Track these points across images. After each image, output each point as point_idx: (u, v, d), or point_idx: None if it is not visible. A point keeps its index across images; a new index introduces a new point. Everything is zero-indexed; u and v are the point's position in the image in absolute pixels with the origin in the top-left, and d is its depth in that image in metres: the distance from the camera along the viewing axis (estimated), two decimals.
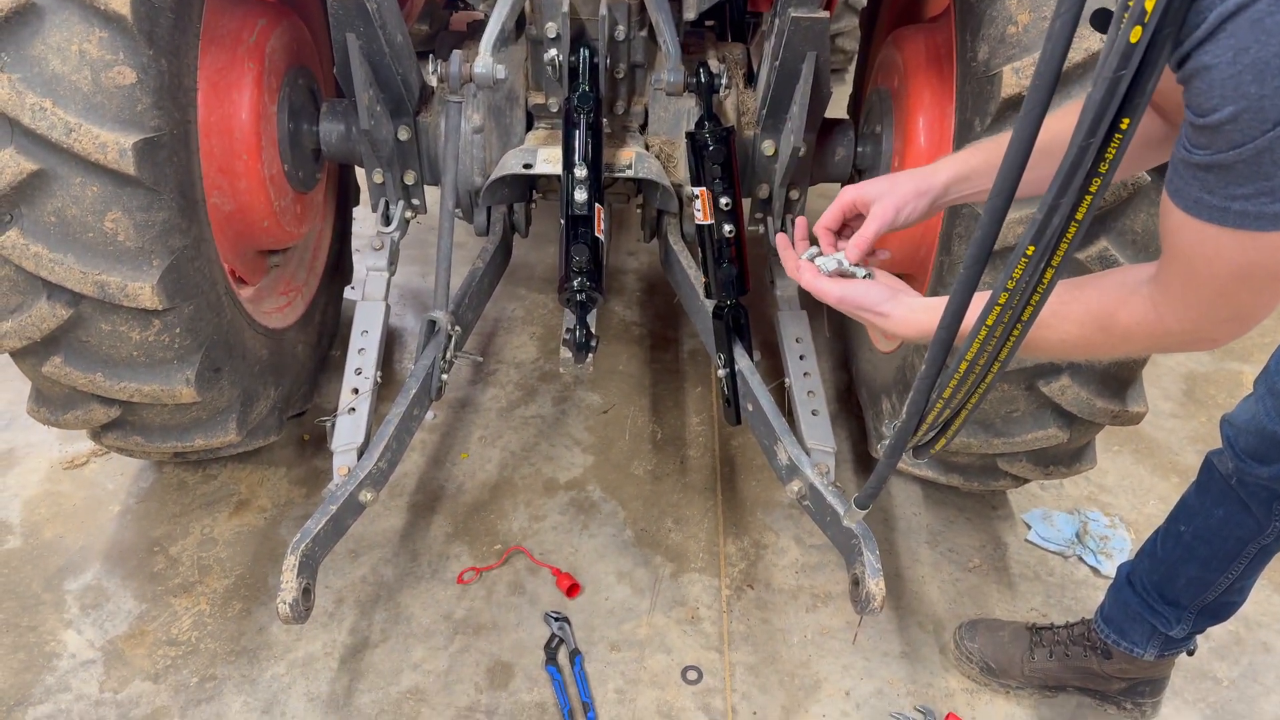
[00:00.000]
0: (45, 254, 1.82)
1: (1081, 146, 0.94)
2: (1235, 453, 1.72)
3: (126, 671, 2.17)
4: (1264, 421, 1.64)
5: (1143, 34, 0.86)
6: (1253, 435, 1.68)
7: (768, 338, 2.68)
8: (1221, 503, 1.79)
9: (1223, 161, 0.92)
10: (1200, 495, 1.84)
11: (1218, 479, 1.79)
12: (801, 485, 2.04)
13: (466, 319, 2.44)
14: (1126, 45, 0.87)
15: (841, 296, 1.46)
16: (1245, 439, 1.70)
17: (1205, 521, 1.82)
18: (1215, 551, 1.83)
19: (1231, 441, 1.74)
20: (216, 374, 2.15)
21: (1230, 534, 1.79)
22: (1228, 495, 1.78)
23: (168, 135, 1.85)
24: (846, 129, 2.63)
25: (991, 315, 1.11)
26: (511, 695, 2.14)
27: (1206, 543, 1.83)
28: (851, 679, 2.21)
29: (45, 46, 1.70)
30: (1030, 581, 2.48)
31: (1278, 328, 3.48)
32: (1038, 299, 1.09)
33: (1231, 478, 1.76)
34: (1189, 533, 1.85)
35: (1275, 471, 1.67)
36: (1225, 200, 0.94)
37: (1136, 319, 1.15)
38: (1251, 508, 1.75)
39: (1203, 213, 0.97)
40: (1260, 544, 1.78)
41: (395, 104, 2.38)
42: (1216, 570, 1.84)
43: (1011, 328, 1.13)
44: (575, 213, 2.13)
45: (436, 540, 2.51)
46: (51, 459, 2.72)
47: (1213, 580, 1.86)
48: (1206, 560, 1.84)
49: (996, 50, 1.79)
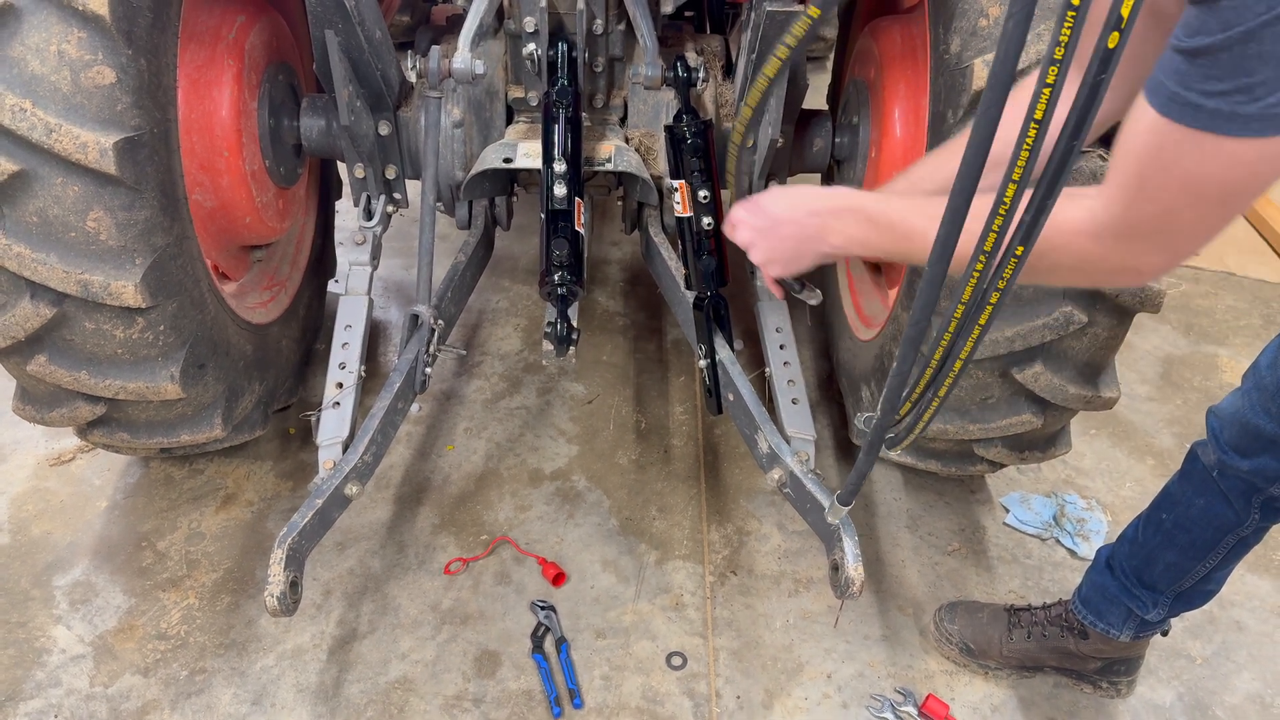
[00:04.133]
0: (28, 254, 1.82)
1: (1066, 149, 0.97)
2: (1219, 444, 1.74)
3: (116, 666, 2.19)
4: (1247, 415, 1.66)
5: (1120, 39, 0.89)
6: (1236, 428, 1.70)
7: (749, 327, 2.70)
8: (1202, 493, 1.81)
9: (1211, 46, 0.91)
10: (1182, 484, 1.86)
11: (1200, 469, 1.81)
12: (782, 473, 2.07)
13: (450, 312, 2.45)
14: (1105, 50, 0.89)
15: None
16: (1229, 431, 1.72)
17: (1186, 511, 1.84)
18: (1194, 540, 1.85)
19: (1216, 433, 1.76)
20: (201, 370, 2.17)
21: (1209, 524, 1.82)
22: (1209, 486, 1.80)
23: (148, 134, 1.86)
24: (824, 120, 2.66)
25: (958, 310, 1.15)
26: (499, 683, 2.17)
27: (1186, 531, 1.86)
28: (833, 662, 2.25)
29: (24, 47, 1.71)
30: (1008, 564, 2.52)
31: (1253, 310, 3.54)
32: (996, 298, 1.12)
33: (1213, 469, 1.78)
34: (1169, 520, 1.88)
35: (1255, 465, 1.69)
36: (1201, 97, 0.94)
37: (1071, 228, 1.13)
38: (1231, 500, 1.77)
39: (1174, 110, 0.97)
40: (1239, 535, 1.81)
41: (375, 99, 2.39)
42: (1194, 559, 1.87)
43: (975, 319, 1.16)
44: (555, 207, 2.15)
45: (423, 531, 2.54)
46: (38, 455, 2.73)
47: (1190, 568, 1.89)
48: (1185, 548, 1.87)
49: (968, 43, 1.81)
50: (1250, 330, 3.46)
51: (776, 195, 1.57)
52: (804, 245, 1.51)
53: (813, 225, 1.49)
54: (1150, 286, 1.85)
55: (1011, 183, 0.99)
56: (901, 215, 1.37)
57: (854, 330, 2.67)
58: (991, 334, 1.93)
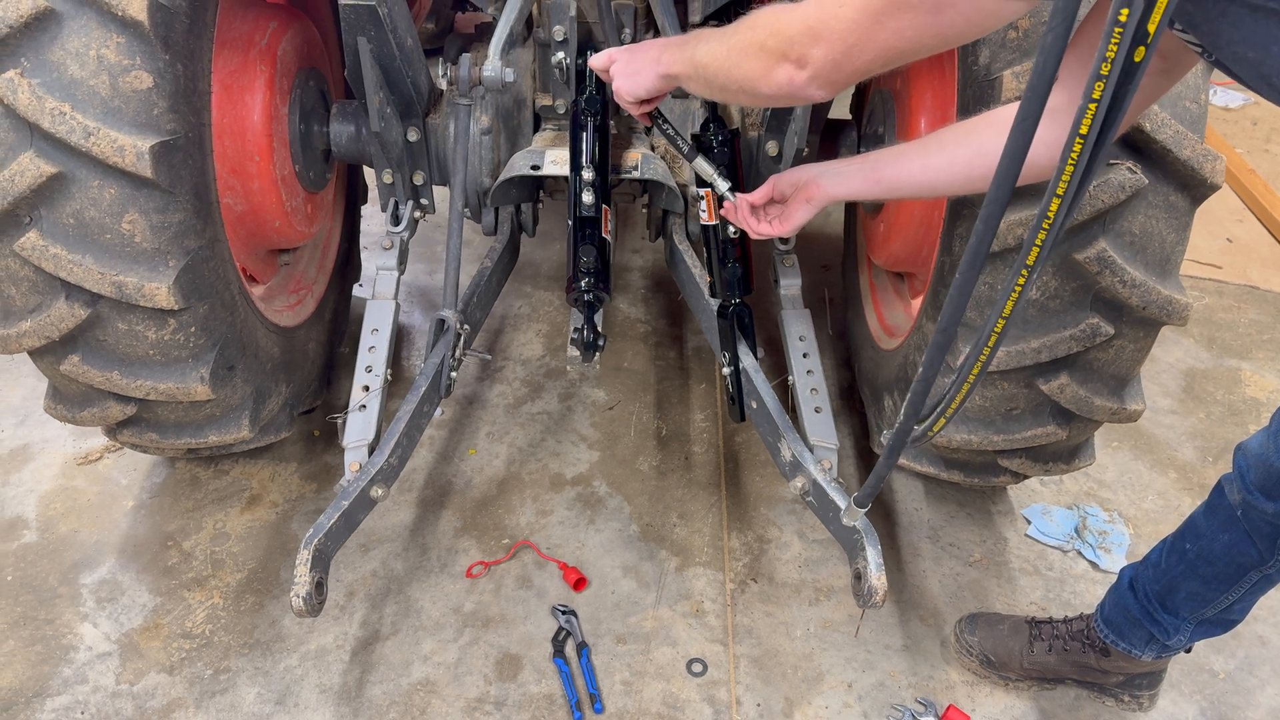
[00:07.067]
0: (64, 255, 1.85)
1: (1091, 155, 0.98)
2: (1245, 484, 1.71)
3: (142, 664, 2.21)
4: (1272, 458, 1.63)
5: (1145, 54, 0.90)
6: (1261, 469, 1.67)
7: (771, 335, 2.71)
8: (1227, 529, 1.79)
9: None
10: (1208, 517, 1.84)
11: (1226, 505, 1.78)
12: (804, 482, 2.08)
13: (475, 318, 2.47)
14: (1130, 63, 0.91)
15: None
16: (1255, 471, 1.69)
17: (1210, 544, 1.82)
18: (1218, 573, 1.83)
19: (1243, 471, 1.72)
20: (230, 372, 2.19)
21: (1233, 560, 1.79)
22: (1233, 523, 1.77)
23: (183, 138, 1.89)
24: (849, 130, 2.67)
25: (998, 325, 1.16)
26: (520, 687, 2.18)
27: (1209, 564, 1.83)
28: (853, 671, 2.25)
29: (64, 52, 1.74)
30: (1030, 576, 2.51)
31: (1277, 324, 3.53)
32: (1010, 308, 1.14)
33: (1238, 509, 1.75)
34: (1193, 551, 1.86)
35: None
36: None
37: (770, 21, 1.37)
38: (1255, 540, 1.74)
39: None
40: (1263, 573, 1.78)
41: (405, 106, 2.41)
42: (1217, 590, 1.86)
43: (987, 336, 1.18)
44: (582, 214, 2.17)
45: (445, 535, 2.55)
46: (66, 454, 2.76)
47: (1213, 599, 1.87)
48: (1208, 579, 1.85)
49: (997, 54, 1.82)
50: (1274, 344, 3.44)
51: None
52: (646, 65, 1.76)
53: (654, 50, 1.75)
54: (1176, 299, 1.85)
55: (1055, 197, 1.00)
56: (702, 53, 1.57)
57: (877, 340, 2.67)
58: (1018, 345, 1.93)
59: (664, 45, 1.75)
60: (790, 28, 1.33)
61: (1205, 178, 1.77)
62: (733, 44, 1.47)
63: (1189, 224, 1.86)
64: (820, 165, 1.85)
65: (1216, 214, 4.10)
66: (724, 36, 1.51)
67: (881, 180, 1.73)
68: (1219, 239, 3.99)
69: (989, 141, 1.53)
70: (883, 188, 1.75)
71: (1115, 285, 1.82)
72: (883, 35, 1.21)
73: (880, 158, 1.76)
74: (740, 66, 1.45)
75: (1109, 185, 1.74)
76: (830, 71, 1.31)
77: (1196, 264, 3.81)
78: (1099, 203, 1.75)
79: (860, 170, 1.78)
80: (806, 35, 1.30)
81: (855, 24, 1.23)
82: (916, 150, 1.69)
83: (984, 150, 1.54)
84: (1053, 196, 1.01)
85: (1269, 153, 4.62)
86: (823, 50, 1.29)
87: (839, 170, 1.81)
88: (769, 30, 1.38)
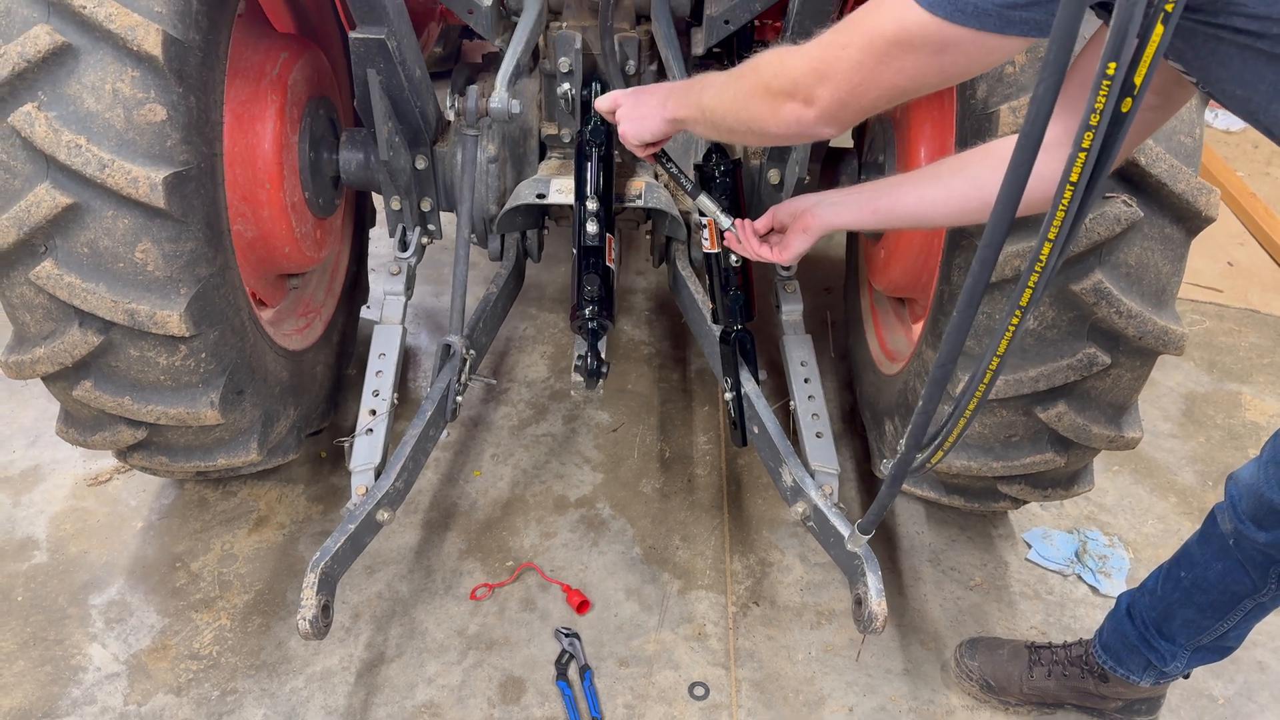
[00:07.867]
0: (78, 283, 1.89)
1: (1082, 201, 1.02)
2: (1236, 513, 1.73)
3: (150, 685, 2.24)
4: (1263, 489, 1.64)
5: (1132, 105, 0.95)
6: (1252, 499, 1.68)
7: (773, 359, 2.74)
8: (1220, 558, 1.80)
9: None
10: (1202, 546, 1.85)
11: (1219, 534, 1.80)
12: (806, 507, 2.10)
13: (481, 343, 2.51)
14: (1118, 114, 0.95)
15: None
16: (1246, 501, 1.71)
17: (1204, 573, 1.83)
18: (1212, 601, 1.84)
19: (1235, 501, 1.74)
20: (239, 396, 2.22)
21: (1227, 588, 1.81)
22: (1226, 552, 1.79)
23: (195, 168, 1.92)
24: (850, 158, 2.70)
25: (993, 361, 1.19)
26: (523, 710, 2.20)
27: (1204, 592, 1.85)
28: (854, 695, 2.27)
29: (80, 86, 1.78)
30: (1030, 600, 2.53)
31: (1277, 349, 3.54)
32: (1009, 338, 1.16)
33: (1230, 538, 1.76)
34: (1188, 579, 1.87)
35: (1272, 538, 1.67)
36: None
37: (775, 63, 1.41)
38: (1248, 569, 1.76)
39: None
40: (1256, 601, 1.80)
41: (413, 135, 2.46)
42: (1212, 618, 1.87)
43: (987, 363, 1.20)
44: (587, 243, 2.20)
45: (450, 557, 2.58)
46: (76, 476, 2.79)
47: (1208, 626, 1.89)
48: (1203, 607, 1.86)
49: (994, 89, 1.85)
50: (1274, 368, 3.46)
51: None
52: (652, 110, 1.81)
53: (660, 96, 1.80)
54: (1172, 329, 1.88)
55: (1047, 241, 1.03)
56: (709, 97, 1.62)
57: (878, 364, 2.70)
58: (1016, 374, 1.96)
59: (669, 91, 1.79)
60: (795, 69, 1.36)
61: (1200, 211, 1.80)
62: (739, 87, 1.50)
63: (1184, 255, 1.89)
64: (818, 195, 1.88)
65: (1217, 238, 4.12)
66: (729, 80, 1.54)
67: (878, 210, 1.76)
68: (1220, 263, 4.02)
69: (985, 174, 1.56)
70: (879, 218, 1.79)
71: (1112, 316, 1.85)
72: (887, 75, 1.24)
73: (877, 188, 1.79)
74: (747, 108, 1.48)
75: (1105, 218, 1.77)
76: (837, 110, 1.35)
77: (1197, 287, 3.83)
78: (1095, 235, 1.78)
79: (857, 200, 1.81)
80: (812, 76, 1.33)
81: (859, 64, 1.26)
82: (913, 181, 1.72)
83: (980, 183, 1.57)
84: (1044, 240, 1.04)
85: (1270, 176, 4.65)
86: (829, 90, 1.32)
87: (836, 200, 1.85)
88: (773, 72, 1.41)
